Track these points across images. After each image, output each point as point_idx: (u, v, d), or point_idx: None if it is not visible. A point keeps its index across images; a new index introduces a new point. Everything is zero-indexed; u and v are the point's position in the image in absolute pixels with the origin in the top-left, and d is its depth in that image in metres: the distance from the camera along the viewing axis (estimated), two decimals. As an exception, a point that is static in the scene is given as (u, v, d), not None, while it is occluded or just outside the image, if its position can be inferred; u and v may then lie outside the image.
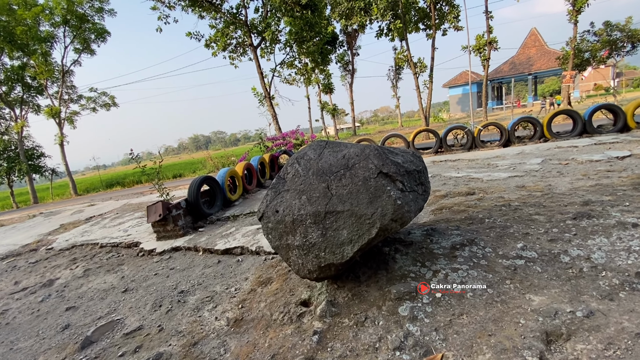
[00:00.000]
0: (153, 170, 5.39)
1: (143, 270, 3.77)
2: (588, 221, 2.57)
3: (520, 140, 8.28)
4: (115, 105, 26.15)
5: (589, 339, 1.50)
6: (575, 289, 1.85)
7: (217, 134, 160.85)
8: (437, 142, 9.05)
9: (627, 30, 19.40)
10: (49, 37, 21.77)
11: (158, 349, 2.17)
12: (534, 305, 1.77)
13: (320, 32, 18.25)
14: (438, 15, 21.37)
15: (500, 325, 1.69)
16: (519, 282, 1.99)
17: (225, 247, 3.74)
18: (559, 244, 2.32)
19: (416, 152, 2.67)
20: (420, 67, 22.28)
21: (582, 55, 20.15)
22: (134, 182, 22.90)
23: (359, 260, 2.45)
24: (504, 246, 2.40)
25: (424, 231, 2.86)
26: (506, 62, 34.40)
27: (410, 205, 2.06)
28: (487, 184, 4.34)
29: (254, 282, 2.82)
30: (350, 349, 1.78)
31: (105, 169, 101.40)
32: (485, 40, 19.09)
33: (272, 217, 2.23)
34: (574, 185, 3.65)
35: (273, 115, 17.82)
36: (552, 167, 4.84)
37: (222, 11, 16.33)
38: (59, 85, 23.33)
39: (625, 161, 4.50)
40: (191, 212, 4.94)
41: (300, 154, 2.36)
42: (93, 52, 23.92)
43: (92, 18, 22.40)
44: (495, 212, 3.10)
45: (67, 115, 24.02)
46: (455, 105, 39.54)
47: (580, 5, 17.23)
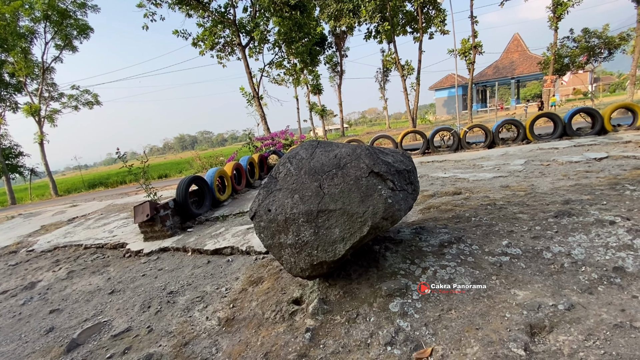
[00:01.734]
0: (139, 170, 5.29)
1: (130, 271, 3.70)
2: (568, 219, 2.68)
3: (504, 142, 8.50)
4: (98, 103, 25.45)
5: (570, 331, 1.57)
6: (557, 283, 1.94)
7: (203, 133, 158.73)
8: (425, 143, 9.20)
9: (604, 37, 20.22)
10: (29, 33, 21.04)
11: (148, 350, 2.15)
12: (519, 300, 1.84)
13: (309, 33, 18.28)
14: (425, 18, 21.72)
15: (487, 319, 1.75)
16: (504, 277, 2.06)
17: (215, 247, 3.72)
18: (542, 241, 2.41)
19: (405, 152, 2.73)
20: (407, 70, 22.58)
21: (562, 61, 20.87)
22: (118, 183, 22.34)
23: (350, 259, 2.48)
24: (490, 243, 2.48)
25: (413, 230, 2.92)
26: (490, 66, 35.26)
27: (401, 203, 2.10)
28: (473, 184, 4.45)
29: (245, 282, 2.81)
30: (343, 345, 1.81)
31: (87, 169, 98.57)
32: (471, 45, 19.52)
33: (265, 216, 2.24)
34: (555, 185, 3.79)
35: (262, 116, 17.73)
36: (534, 167, 5.01)
37: (210, 10, 16.15)
38: (39, 83, 22.55)
39: (603, 162, 4.70)
40: (179, 212, 4.88)
41: (292, 153, 2.38)
42: (75, 48, 23.21)
43: (75, 14, 21.75)
44: (481, 211, 3.19)
45: (47, 113, 23.23)
46: (442, 108, 40.25)
47: (560, 12, 17.85)
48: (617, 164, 4.43)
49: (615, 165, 4.41)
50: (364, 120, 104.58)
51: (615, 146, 5.78)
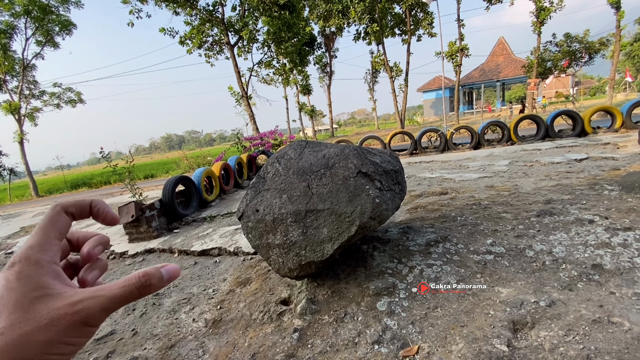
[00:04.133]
0: (124, 170, 5.19)
1: (114, 273, 3.62)
2: (550, 218, 2.75)
3: (490, 143, 8.69)
4: (81, 101, 24.77)
5: (551, 327, 1.62)
6: (538, 280, 1.99)
7: (191, 133, 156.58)
8: (412, 144, 9.32)
9: (585, 42, 20.91)
10: (9, 28, 20.35)
11: (132, 353, 2.10)
12: (502, 297, 1.88)
13: (299, 33, 18.26)
14: (413, 21, 22.02)
15: (471, 316, 1.79)
16: (489, 275, 2.10)
17: (202, 249, 3.67)
18: (524, 239, 2.47)
19: (393, 153, 2.76)
20: (396, 71, 22.84)
21: (545, 64, 21.47)
22: (102, 183, 21.80)
23: (338, 258, 2.49)
24: (475, 242, 2.53)
25: (400, 229, 2.95)
26: (476, 69, 35.97)
27: (388, 203, 2.12)
28: (459, 184, 4.53)
29: (233, 283, 2.79)
30: (331, 345, 1.81)
31: (69, 169, 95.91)
32: (457, 47, 19.87)
33: (252, 216, 2.22)
34: (538, 185, 3.89)
35: (250, 115, 17.61)
36: (518, 168, 5.13)
37: (197, 8, 15.95)
38: (19, 80, 21.83)
39: (583, 163, 4.85)
40: (166, 213, 4.80)
41: (281, 153, 2.38)
42: (57, 45, 22.55)
43: (57, 9, 21.15)
44: (466, 211, 3.25)
45: (28, 111, 22.51)
46: (429, 109, 40.82)
47: (543, 17, 18.36)
48: (597, 165, 4.58)
49: (594, 166, 4.57)
50: (353, 121, 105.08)
51: (595, 148, 5.97)
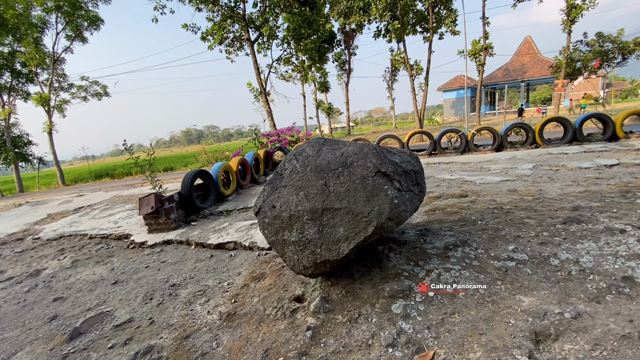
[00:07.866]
0: (146, 162, 5.32)
1: (134, 262, 3.72)
2: (577, 226, 2.63)
3: (513, 146, 8.40)
4: (107, 95, 25.69)
5: (576, 340, 1.54)
6: (563, 291, 1.90)
7: (209, 128, 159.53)
8: (431, 145, 9.13)
9: (619, 42, 19.88)
10: (41, 23, 21.26)
11: (149, 342, 2.15)
12: (524, 306, 1.81)
13: (318, 30, 18.20)
14: (436, 18, 21.53)
15: (491, 324, 1.73)
16: (510, 283, 2.03)
17: (218, 242, 3.72)
18: (549, 247, 2.37)
19: (413, 153, 2.70)
20: (416, 70, 22.43)
21: (574, 65, 20.57)
22: (123, 174, 22.56)
23: (353, 258, 2.46)
24: (496, 248, 2.44)
25: (417, 231, 2.89)
26: (500, 69, 34.88)
27: (407, 204, 2.08)
28: (479, 187, 4.40)
29: (247, 277, 2.81)
30: (344, 345, 1.79)
31: (94, 159, 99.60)
32: (482, 46, 19.29)
33: (269, 212, 2.23)
34: (564, 191, 3.73)
35: (268, 112, 17.74)
36: (543, 172, 4.93)
37: (219, 4, 16.16)
38: (50, 73, 22.79)
39: (614, 169, 4.62)
40: (184, 205, 4.90)
41: (299, 150, 2.37)
42: (85, 39, 23.41)
43: (86, 5, 21.92)
44: (487, 215, 3.15)
45: (57, 103, 23.51)
46: (449, 109, 39.92)
47: (574, 15, 17.58)
48: (629, 172, 4.35)
49: (626, 172, 4.33)
50: (371, 120, 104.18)
51: (627, 153, 5.67)
